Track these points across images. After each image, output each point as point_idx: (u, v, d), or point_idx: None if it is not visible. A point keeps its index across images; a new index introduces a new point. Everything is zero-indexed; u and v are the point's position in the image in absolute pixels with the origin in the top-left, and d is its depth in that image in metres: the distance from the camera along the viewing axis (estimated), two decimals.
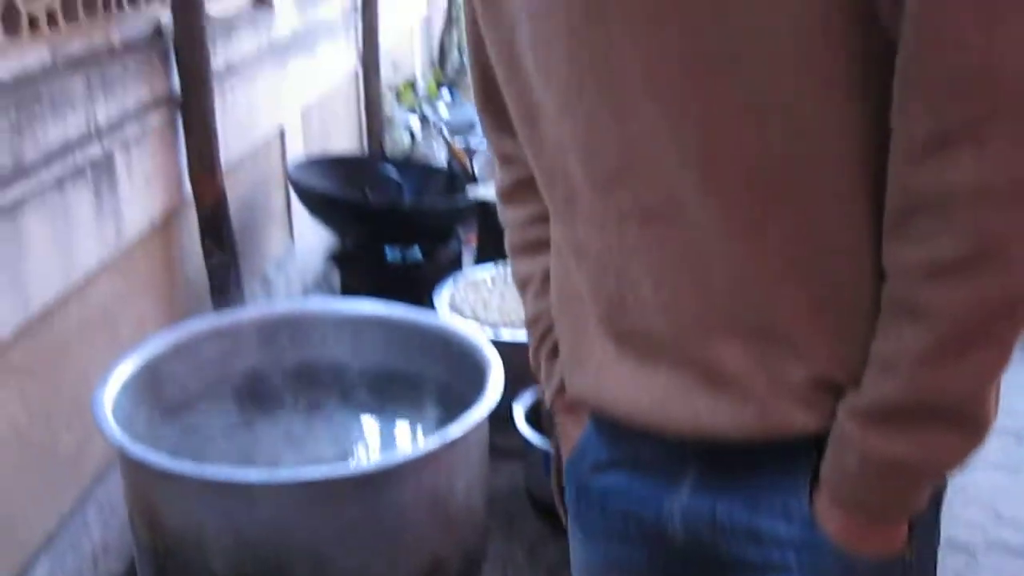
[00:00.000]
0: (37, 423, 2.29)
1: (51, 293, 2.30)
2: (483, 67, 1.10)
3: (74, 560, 2.44)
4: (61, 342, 2.38)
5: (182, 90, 2.95)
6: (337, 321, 2.38)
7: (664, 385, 0.96)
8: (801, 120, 0.84)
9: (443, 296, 3.27)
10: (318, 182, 3.75)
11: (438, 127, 5.24)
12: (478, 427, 1.97)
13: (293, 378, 2.34)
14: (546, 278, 1.16)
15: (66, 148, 2.33)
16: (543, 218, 1.13)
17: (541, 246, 1.16)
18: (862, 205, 0.86)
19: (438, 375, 2.29)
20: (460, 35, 8.56)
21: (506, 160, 1.20)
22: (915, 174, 0.80)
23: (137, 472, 1.90)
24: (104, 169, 2.54)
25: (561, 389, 1.15)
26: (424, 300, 3.22)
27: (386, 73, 5.82)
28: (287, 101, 4.13)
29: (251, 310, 2.55)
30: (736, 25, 0.82)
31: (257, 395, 2.29)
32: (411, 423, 2.30)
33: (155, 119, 2.82)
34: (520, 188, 1.19)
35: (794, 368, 0.91)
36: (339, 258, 3.96)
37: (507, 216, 1.25)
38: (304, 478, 1.80)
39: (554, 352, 1.16)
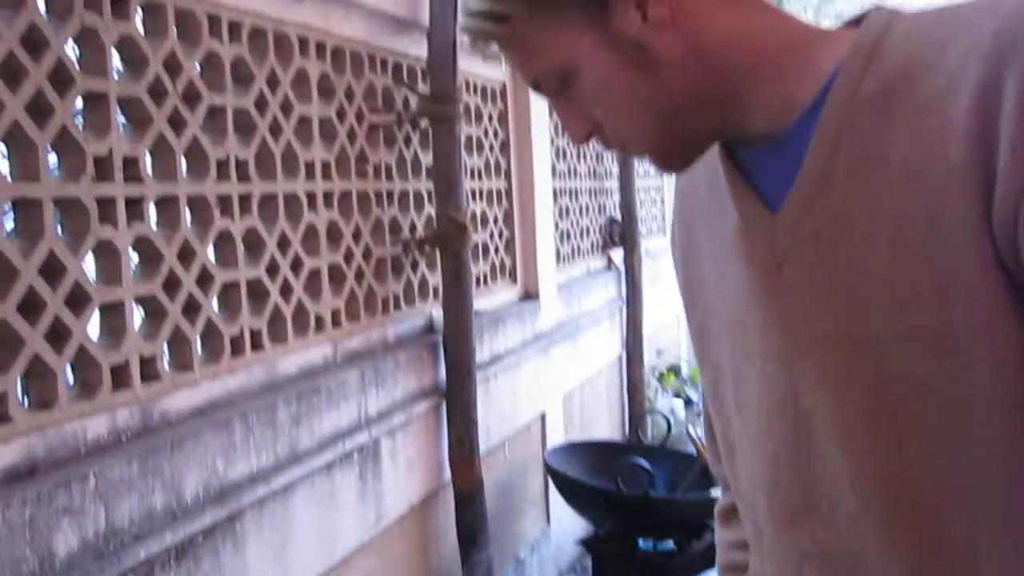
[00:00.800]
0: None
1: (312, 571, 2.45)
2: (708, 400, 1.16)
3: None
4: None
5: (447, 381, 3.16)
6: None
7: None
8: (981, 490, 0.84)
9: None
10: (572, 468, 3.83)
11: (689, 421, 5.26)
12: None
13: None
14: None
15: (337, 436, 2.55)
16: (747, 545, 1.15)
17: (740, 571, 1.18)
18: None
19: None
20: None
21: (724, 484, 1.25)
22: None
23: None
24: (370, 455, 2.73)
25: None
26: None
27: (650, 358, 5.97)
28: (549, 388, 4.31)
29: None
30: (924, 395, 0.84)
31: None
32: None
33: (420, 408, 3.03)
34: (733, 512, 1.23)
35: None
36: (592, 544, 3.96)
37: (719, 536, 1.30)
38: None
39: None
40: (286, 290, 2.50)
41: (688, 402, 6.70)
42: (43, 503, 1.65)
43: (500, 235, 4.01)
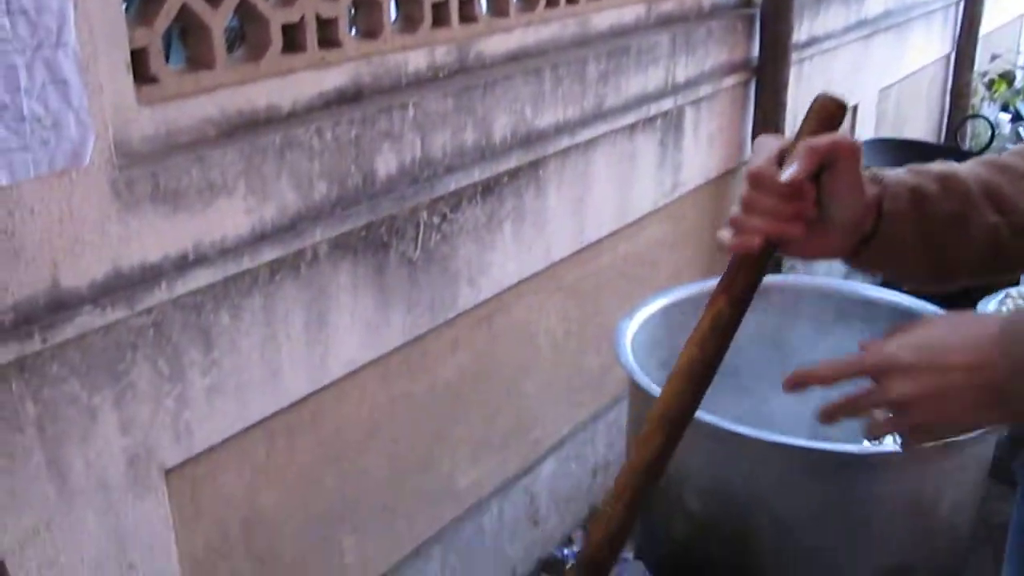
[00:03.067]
0: (571, 340, 2.56)
1: (605, 226, 2.54)
2: None
3: (577, 467, 2.71)
4: (606, 273, 2.63)
5: (760, 58, 3.05)
6: (846, 301, 2.38)
7: None
8: None
9: (988, 308, 3.09)
10: (881, 165, 3.68)
11: (1014, 135, 4.85)
12: (976, 441, 1.88)
13: (775, 345, 2.37)
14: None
15: (643, 99, 2.55)
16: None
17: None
18: None
19: None
20: None
21: None
22: None
23: (640, 402, 2.06)
24: (673, 123, 2.73)
25: None
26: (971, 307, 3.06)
27: (981, 62, 5.49)
28: (866, 79, 4.08)
29: (778, 278, 2.60)
30: None
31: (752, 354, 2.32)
32: None
33: (729, 81, 2.96)
34: None
35: None
36: None
37: None
38: (786, 442, 1.84)
39: None
40: None
41: (1017, 117, 6.17)
42: (367, 125, 1.77)
43: None
